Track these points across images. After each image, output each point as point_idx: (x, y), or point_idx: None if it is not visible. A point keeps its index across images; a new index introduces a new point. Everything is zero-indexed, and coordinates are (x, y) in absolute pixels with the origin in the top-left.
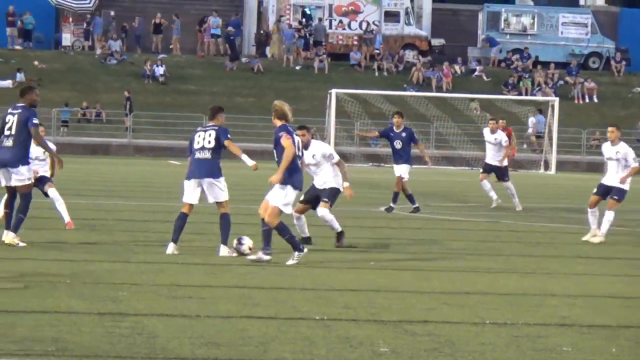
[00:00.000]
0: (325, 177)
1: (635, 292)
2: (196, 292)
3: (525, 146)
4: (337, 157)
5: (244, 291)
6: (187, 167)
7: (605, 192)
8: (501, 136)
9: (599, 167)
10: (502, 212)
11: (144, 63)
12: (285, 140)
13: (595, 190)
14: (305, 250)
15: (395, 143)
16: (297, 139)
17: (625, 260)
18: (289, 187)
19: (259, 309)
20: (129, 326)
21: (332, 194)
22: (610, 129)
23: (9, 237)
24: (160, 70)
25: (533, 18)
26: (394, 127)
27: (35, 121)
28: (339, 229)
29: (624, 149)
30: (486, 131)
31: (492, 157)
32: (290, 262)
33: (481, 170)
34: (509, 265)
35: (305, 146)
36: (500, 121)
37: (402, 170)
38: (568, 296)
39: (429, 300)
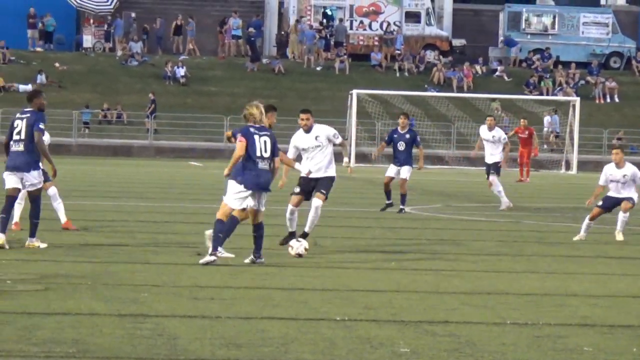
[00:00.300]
0: (323, 161)
1: None
2: (217, 293)
3: (545, 146)
4: (341, 138)
5: (265, 292)
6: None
7: (613, 205)
8: (499, 133)
9: None
10: (523, 213)
11: (165, 64)
12: (238, 143)
13: (600, 202)
14: (220, 256)
15: (399, 145)
16: (263, 140)
17: None
18: (241, 185)
19: (280, 309)
20: (150, 327)
21: (330, 185)
22: (614, 151)
23: (29, 242)
24: (181, 71)
25: (554, 18)
26: (399, 128)
27: (42, 126)
28: (293, 229)
29: (631, 170)
30: (483, 129)
31: (490, 155)
32: (202, 260)
33: (486, 176)
34: (530, 266)
35: (308, 129)
36: (522, 120)
37: (405, 172)
38: (589, 296)
39: (450, 301)
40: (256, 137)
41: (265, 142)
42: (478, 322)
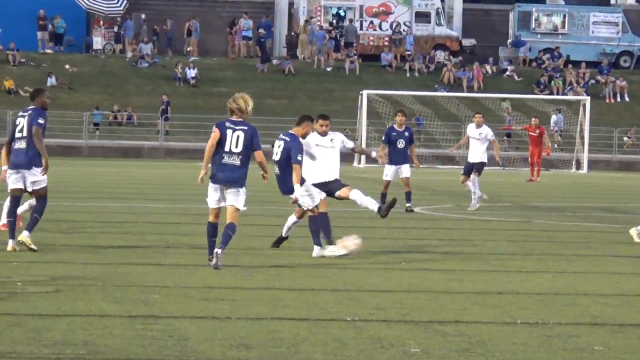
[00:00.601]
0: (334, 164)
1: None
2: (227, 294)
3: (556, 146)
4: (352, 143)
5: (275, 293)
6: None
7: None
8: (486, 131)
9: (630, 166)
10: (534, 212)
11: (175, 66)
12: (212, 134)
13: None
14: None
15: (398, 142)
16: (236, 134)
17: None
18: (210, 182)
19: (290, 310)
20: (160, 329)
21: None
22: None
23: (23, 236)
24: (191, 72)
25: (564, 17)
26: (396, 126)
27: (40, 121)
28: (286, 235)
29: None
30: (471, 127)
31: (476, 154)
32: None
33: (462, 171)
34: (540, 265)
35: (324, 134)
36: (533, 120)
37: (406, 171)
38: (600, 295)
39: (461, 301)
40: (229, 131)
41: (238, 136)
42: (488, 322)
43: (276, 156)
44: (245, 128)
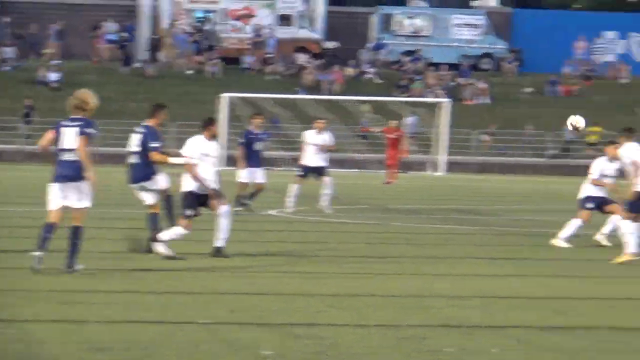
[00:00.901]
0: (215, 173)
1: (521, 292)
2: (84, 298)
3: (414, 148)
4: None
5: (131, 296)
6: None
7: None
8: (328, 137)
9: (489, 168)
10: (391, 214)
11: (39, 69)
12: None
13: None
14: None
15: (255, 145)
16: (71, 131)
17: (514, 260)
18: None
19: (147, 313)
20: (15, 332)
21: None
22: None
23: None
24: (54, 76)
25: (426, 20)
26: (254, 128)
27: None
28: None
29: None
30: (310, 133)
31: (313, 158)
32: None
33: (300, 173)
34: (397, 267)
35: (215, 137)
36: (392, 122)
37: (263, 176)
38: (455, 297)
39: (316, 303)
40: (65, 128)
41: (72, 132)
42: (343, 325)
43: (134, 147)
44: (81, 123)
